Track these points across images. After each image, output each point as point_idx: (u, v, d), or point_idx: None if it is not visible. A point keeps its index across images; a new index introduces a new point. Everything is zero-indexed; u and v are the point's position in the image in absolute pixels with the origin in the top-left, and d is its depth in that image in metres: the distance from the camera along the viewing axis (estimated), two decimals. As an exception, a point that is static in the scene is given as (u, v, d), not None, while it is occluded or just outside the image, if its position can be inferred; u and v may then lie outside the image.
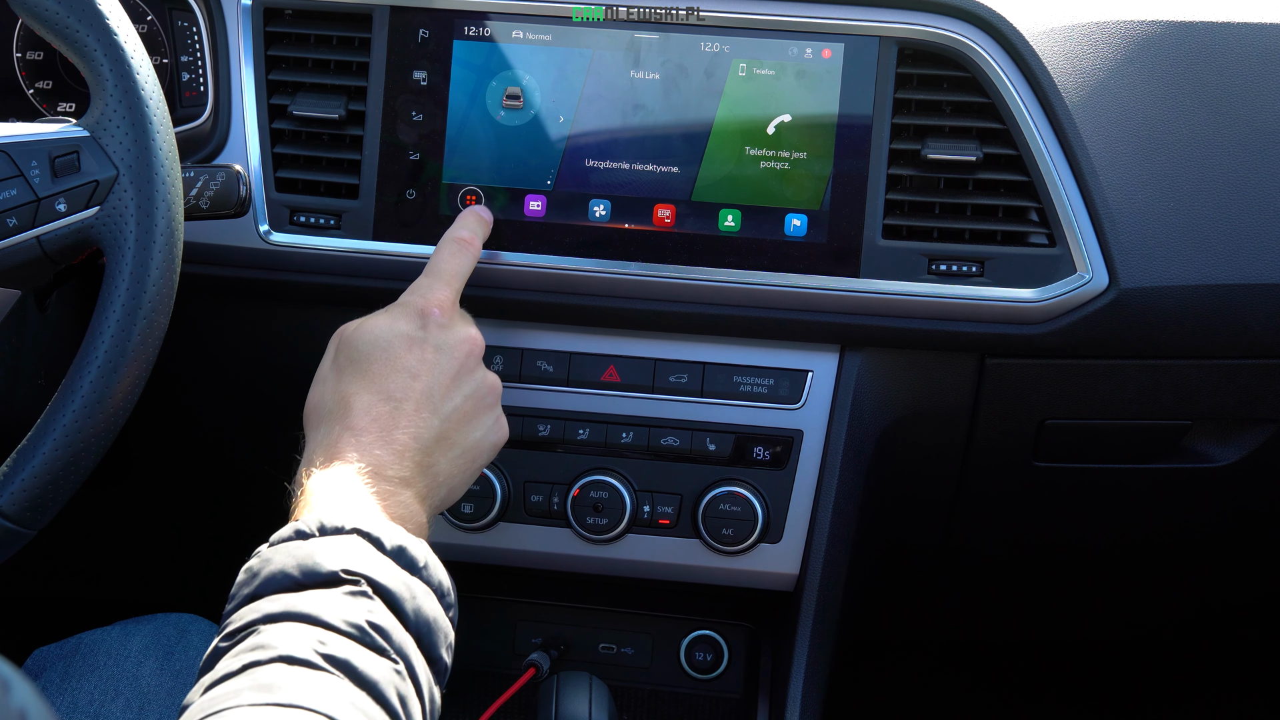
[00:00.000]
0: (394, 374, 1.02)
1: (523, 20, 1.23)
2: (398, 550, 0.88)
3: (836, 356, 1.28)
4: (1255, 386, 1.31)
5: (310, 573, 0.84)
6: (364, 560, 0.86)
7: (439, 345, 1.05)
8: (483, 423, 1.07)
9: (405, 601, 0.86)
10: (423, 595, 0.88)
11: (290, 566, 0.85)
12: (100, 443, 1.01)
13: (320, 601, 0.83)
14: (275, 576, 0.85)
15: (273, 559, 0.86)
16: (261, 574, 0.86)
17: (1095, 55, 1.22)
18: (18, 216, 1.03)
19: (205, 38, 1.28)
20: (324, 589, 0.84)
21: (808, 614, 1.31)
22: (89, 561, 1.74)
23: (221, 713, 0.74)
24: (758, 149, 1.22)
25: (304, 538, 0.88)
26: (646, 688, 1.42)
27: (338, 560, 0.85)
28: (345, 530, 0.88)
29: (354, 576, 0.84)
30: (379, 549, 0.88)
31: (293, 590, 0.84)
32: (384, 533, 0.88)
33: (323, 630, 0.81)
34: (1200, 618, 1.84)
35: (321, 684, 0.77)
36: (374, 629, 0.82)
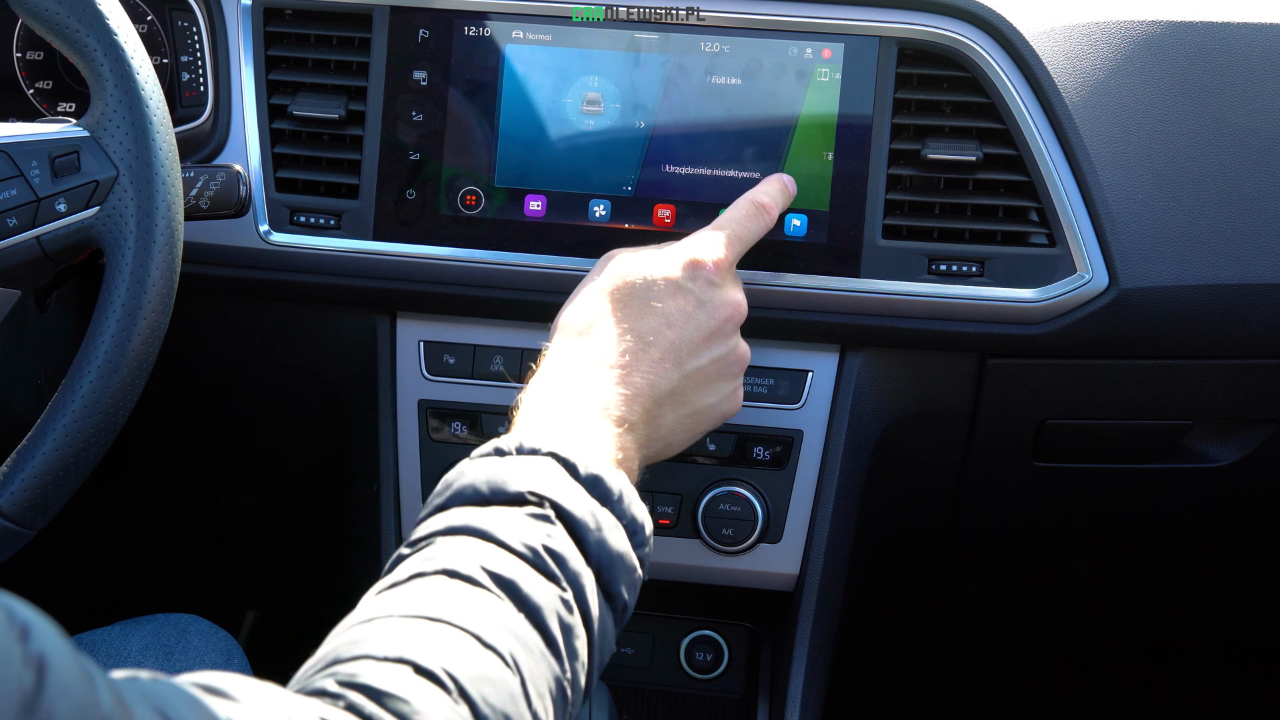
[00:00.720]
0: (651, 315, 1.01)
1: (522, 20, 1.23)
2: (592, 479, 0.87)
3: (836, 356, 1.28)
4: (1255, 386, 1.31)
5: (498, 490, 0.84)
6: (553, 483, 0.85)
7: (702, 300, 1.03)
8: (720, 389, 1.05)
9: (589, 531, 0.84)
10: (610, 528, 0.86)
11: (480, 481, 0.84)
12: (100, 443, 1.01)
13: (500, 519, 0.82)
14: (465, 490, 0.85)
15: (466, 472, 0.86)
16: (453, 486, 0.86)
17: (1095, 55, 1.22)
18: (18, 216, 1.03)
19: (205, 38, 1.28)
20: (508, 507, 0.83)
21: (808, 614, 1.31)
22: (89, 561, 1.74)
23: (373, 621, 0.74)
24: (758, 149, 1.22)
25: (501, 455, 0.87)
26: (646, 688, 1.42)
27: (526, 481, 0.84)
28: (541, 452, 0.87)
29: (539, 498, 0.83)
30: (572, 474, 0.86)
31: (478, 505, 0.83)
32: (580, 459, 0.87)
33: (496, 548, 0.80)
34: (1200, 618, 1.84)
35: (477, 601, 0.77)
36: (548, 553, 0.81)
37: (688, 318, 1.02)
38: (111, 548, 1.73)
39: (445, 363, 1.30)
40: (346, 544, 1.42)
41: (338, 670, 0.70)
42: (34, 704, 0.48)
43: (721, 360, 1.04)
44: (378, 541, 1.34)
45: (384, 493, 1.33)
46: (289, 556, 1.72)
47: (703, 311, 1.02)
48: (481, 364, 1.30)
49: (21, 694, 0.48)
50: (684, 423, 1.02)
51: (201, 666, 1.23)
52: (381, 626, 0.74)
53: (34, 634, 0.50)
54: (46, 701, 0.49)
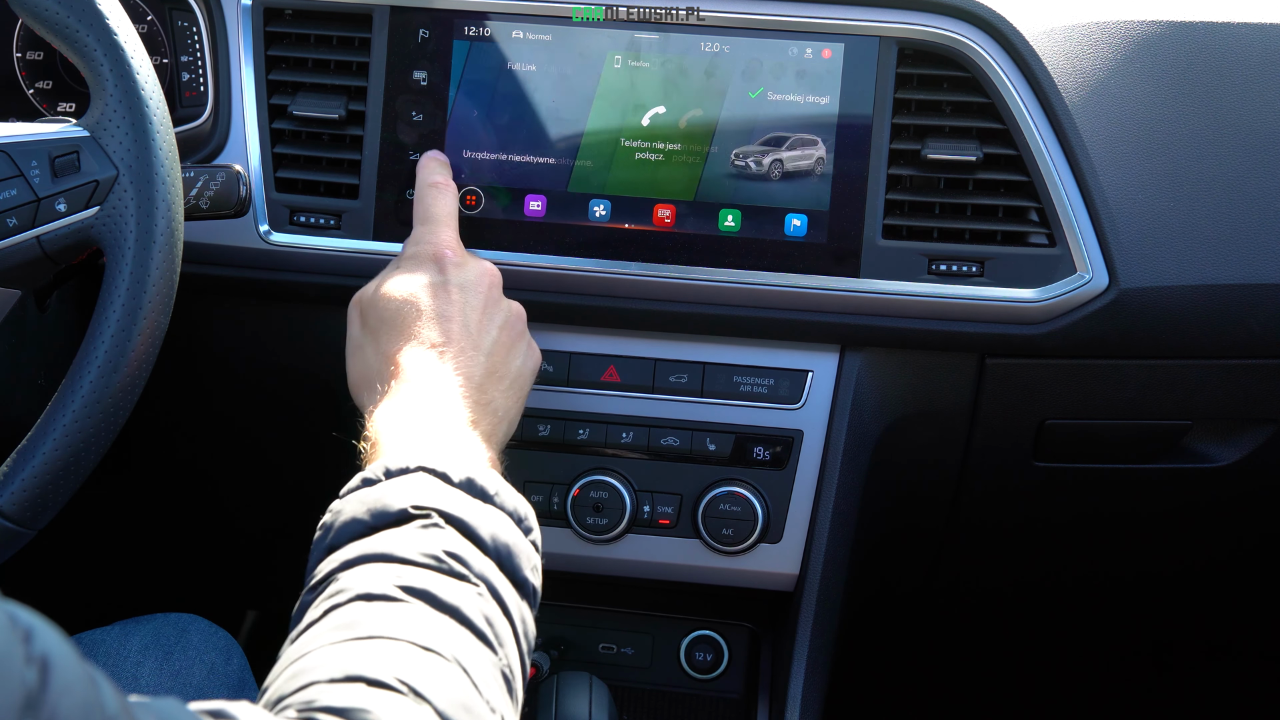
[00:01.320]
0: (429, 321, 1.03)
1: (523, 20, 1.23)
2: (466, 482, 0.88)
3: (836, 356, 1.28)
4: (1255, 386, 1.31)
5: (380, 514, 0.85)
6: (432, 494, 0.86)
7: (462, 284, 1.06)
8: (519, 350, 1.09)
9: (480, 529, 0.85)
10: (498, 522, 0.87)
11: (360, 512, 0.85)
12: (100, 443, 1.01)
13: (394, 539, 0.83)
14: (348, 525, 0.85)
15: (344, 509, 0.87)
16: (335, 525, 0.86)
17: (1095, 55, 1.22)
18: (18, 216, 1.03)
19: (205, 38, 1.28)
20: (396, 527, 0.84)
21: (808, 614, 1.31)
22: (89, 561, 1.74)
23: (305, 656, 0.75)
24: (757, 149, 1.22)
25: (371, 484, 0.88)
26: (646, 688, 1.42)
27: (406, 498, 0.85)
28: (410, 469, 0.88)
29: (423, 510, 0.85)
30: (447, 482, 0.88)
31: (366, 534, 0.84)
32: (450, 466, 0.88)
33: (400, 565, 0.81)
34: (1200, 618, 1.84)
35: (401, 614, 0.78)
36: (450, 556, 0.82)
37: (459, 305, 1.05)
38: (111, 548, 1.73)
39: (445, 363, 1.30)
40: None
41: (292, 701, 0.71)
42: (38, 702, 0.48)
43: (506, 325, 1.08)
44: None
45: (384, 493, 1.32)
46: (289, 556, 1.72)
47: (467, 293, 1.06)
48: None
49: (25, 691, 0.48)
50: (509, 395, 1.06)
51: (201, 666, 1.23)
52: (319, 656, 0.74)
53: (37, 636, 0.50)
54: (50, 700, 0.49)
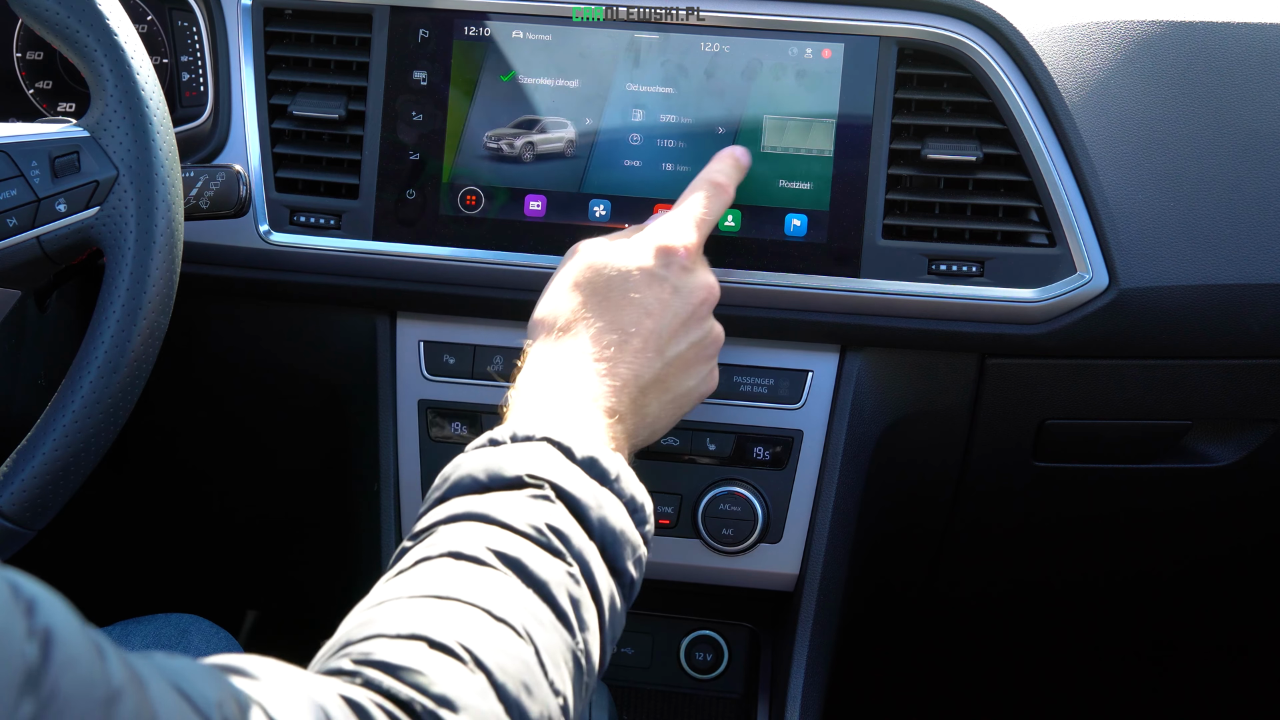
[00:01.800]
0: (629, 307, 1.01)
1: (523, 20, 1.23)
2: (588, 460, 0.88)
3: (836, 357, 1.28)
4: (1255, 386, 1.31)
5: (495, 476, 0.85)
6: (550, 466, 0.86)
7: (677, 287, 1.04)
8: (699, 371, 1.07)
9: (590, 509, 0.85)
10: (610, 506, 0.87)
11: (478, 470, 0.85)
12: (100, 443, 1.01)
13: (500, 503, 0.83)
14: (462, 481, 0.86)
15: (462, 464, 0.87)
16: (451, 478, 0.86)
17: (1095, 55, 1.22)
18: (18, 216, 1.03)
19: (205, 38, 1.28)
20: (508, 492, 0.84)
21: (808, 614, 1.31)
22: (88, 561, 1.74)
23: (381, 605, 0.75)
24: (757, 149, 1.22)
25: (496, 445, 0.88)
26: (646, 688, 1.42)
27: (523, 465, 0.85)
28: (536, 438, 0.88)
29: (537, 480, 0.84)
30: (568, 457, 0.87)
31: (477, 493, 0.84)
32: (576, 442, 0.88)
33: (499, 529, 0.81)
34: (1200, 618, 1.84)
35: (485, 579, 0.77)
36: (552, 531, 0.82)
37: (664, 305, 1.03)
38: (111, 548, 1.73)
39: (445, 363, 1.30)
40: (347, 543, 1.42)
41: (351, 650, 0.71)
42: (38, 677, 0.48)
43: (699, 344, 1.06)
44: (378, 541, 1.34)
45: (384, 493, 1.33)
46: (289, 556, 1.72)
47: (678, 298, 1.04)
48: (481, 364, 1.30)
49: (25, 667, 0.47)
50: (668, 408, 1.04)
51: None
52: (392, 608, 0.75)
53: (40, 608, 0.50)
54: (51, 675, 0.48)
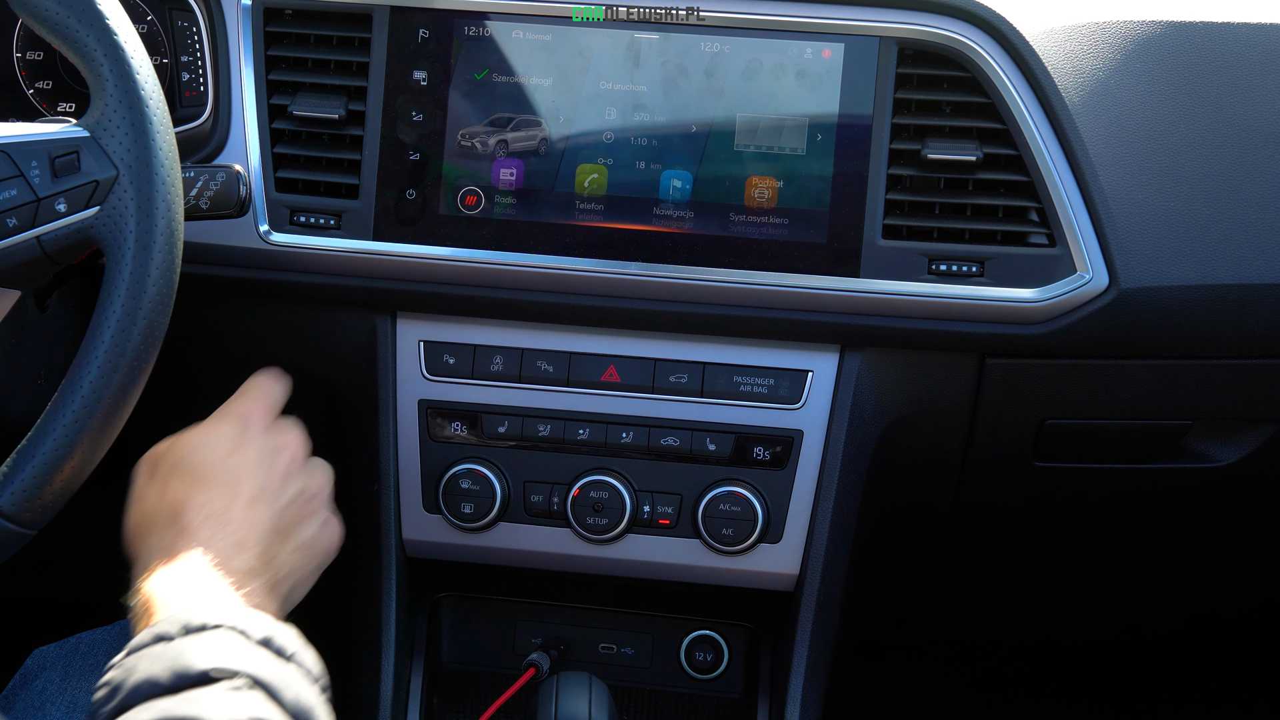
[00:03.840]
0: (222, 472, 1.02)
1: (522, 20, 1.23)
2: (266, 639, 0.85)
3: (836, 356, 1.28)
4: (1255, 386, 1.31)
5: (182, 674, 0.79)
6: (236, 654, 0.82)
7: (262, 447, 1.06)
8: (314, 520, 1.08)
9: (283, 691, 0.82)
10: (297, 682, 0.84)
11: (157, 671, 0.79)
12: (100, 443, 1.01)
13: (200, 702, 0.78)
14: (143, 685, 0.79)
15: (137, 667, 0.81)
16: (126, 685, 0.80)
17: (1095, 55, 1.22)
18: (18, 216, 1.02)
19: (205, 38, 1.28)
20: (201, 689, 0.79)
21: (808, 614, 1.31)
22: (89, 561, 1.74)
23: None
24: (757, 149, 1.22)
25: (168, 640, 0.83)
26: (646, 688, 1.42)
27: (210, 658, 0.80)
28: (210, 626, 0.84)
29: (230, 672, 0.80)
30: (248, 639, 0.84)
31: (166, 695, 0.79)
32: (249, 624, 0.85)
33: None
34: (1200, 618, 1.84)
35: None
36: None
37: (254, 464, 1.04)
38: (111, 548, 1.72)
39: (445, 363, 1.30)
40: (346, 543, 1.42)
41: None
42: None
43: (302, 494, 1.07)
44: (378, 541, 1.34)
45: (384, 493, 1.33)
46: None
47: (266, 455, 1.06)
48: (481, 364, 1.30)
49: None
50: (298, 557, 1.05)
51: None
52: None
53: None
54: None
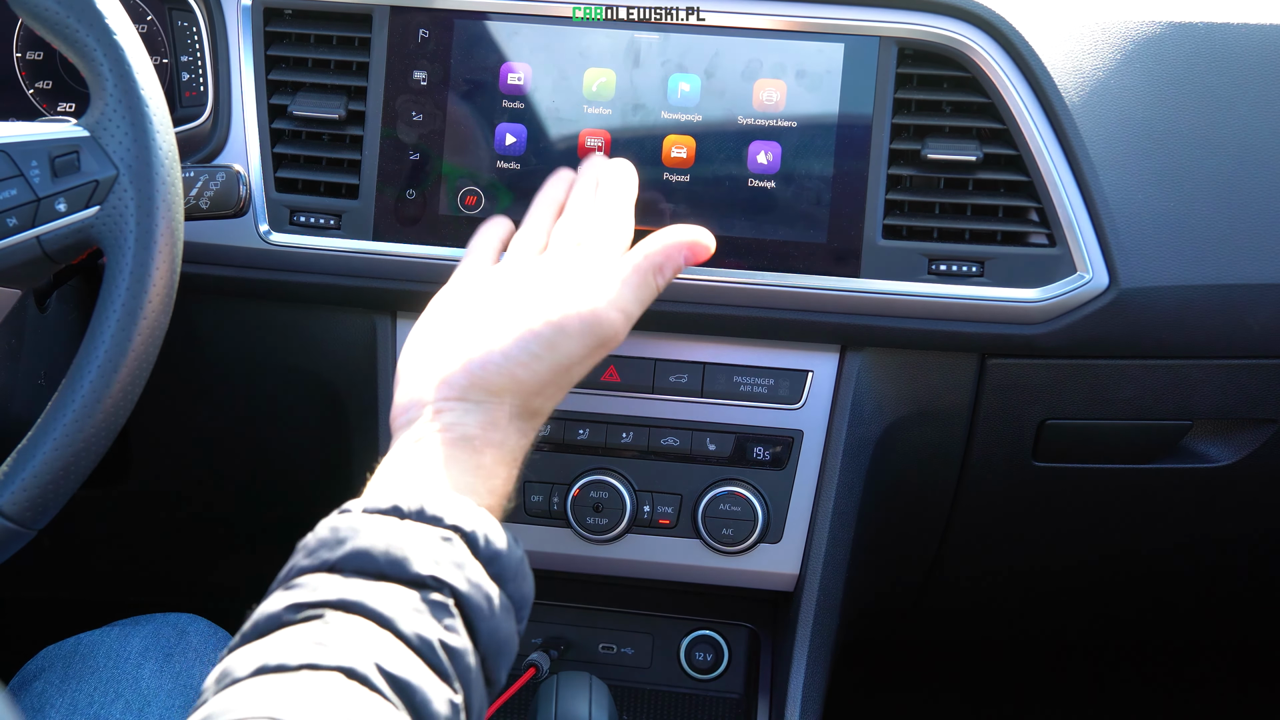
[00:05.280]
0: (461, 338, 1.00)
1: (522, 20, 1.23)
2: (491, 555, 0.85)
3: (836, 357, 1.28)
4: (1255, 386, 1.31)
5: (397, 565, 0.80)
6: (454, 567, 0.82)
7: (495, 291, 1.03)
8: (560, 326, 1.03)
9: (484, 618, 0.82)
10: (502, 612, 0.84)
11: (378, 549, 0.81)
12: (100, 443, 1.01)
13: (399, 605, 0.79)
14: (360, 553, 0.81)
15: (361, 530, 0.82)
16: (348, 544, 0.82)
17: (1095, 55, 1.22)
18: (18, 216, 1.03)
19: (205, 38, 1.28)
20: (406, 588, 0.80)
21: (807, 614, 1.31)
22: (89, 561, 1.74)
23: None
24: (757, 149, 1.22)
25: (400, 516, 0.84)
26: (646, 688, 1.42)
27: (428, 563, 0.81)
28: (444, 523, 0.84)
29: (440, 584, 0.81)
30: (473, 550, 0.84)
31: (375, 578, 0.80)
32: (481, 530, 0.85)
33: (392, 639, 0.78)
34: (1199, 618, 1.84)
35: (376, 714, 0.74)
36: (445, 649, 0.79)
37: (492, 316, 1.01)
38: (111, 548, 1.73)
39: (445, 363, 1.30)
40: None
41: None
42: None
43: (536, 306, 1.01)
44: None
45: (384, 493, 1.32)
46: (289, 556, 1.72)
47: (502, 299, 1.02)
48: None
49: None
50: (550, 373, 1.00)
51: (201, 667, 1.23)
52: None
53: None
54: None
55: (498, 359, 0.97)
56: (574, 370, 1.00)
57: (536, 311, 0.99)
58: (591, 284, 1.01)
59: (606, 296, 1.01)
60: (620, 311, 1.01)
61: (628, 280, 1.03)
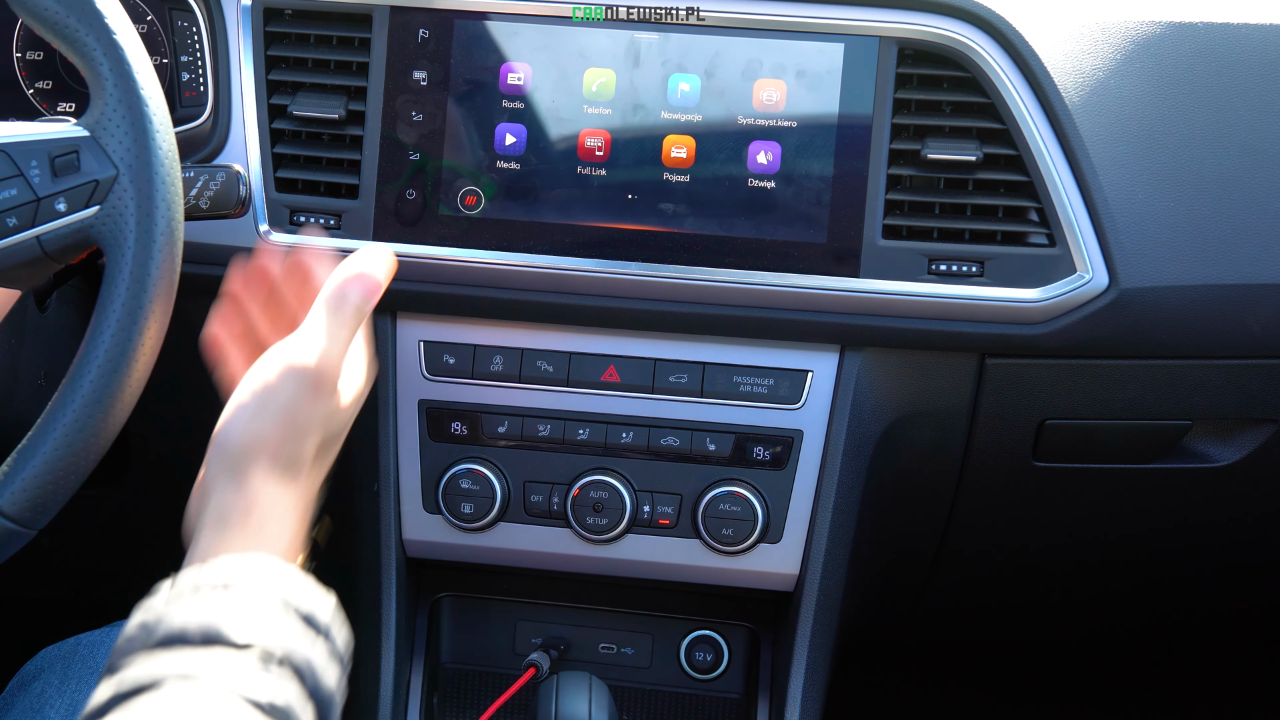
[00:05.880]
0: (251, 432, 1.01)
1: (522, 20, 1.23)
2: (307, 615, 0.85)
3: (836, 356, 1.28)
4: (1255, 386, 1.31)
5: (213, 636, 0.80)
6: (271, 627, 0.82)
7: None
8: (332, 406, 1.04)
9: (310, 676, 0.82)
10: (324, 666, 0.84)
11: (192, 627, 0.81)
12: (100, 443, 1.01)
13: (228, 669, 0.79)
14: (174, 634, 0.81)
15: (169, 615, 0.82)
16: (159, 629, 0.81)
17: (1095, 55, 1.22)
18: (17, 216, 1.02)
19: (205, 38, 1.28)
20: (230, 651, 0.80)
21: (807, 614, 1.31)
22: (89, 562, 1.74)
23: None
24: (757, 149, 1.22)
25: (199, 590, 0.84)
26: (646, 688, 1.43)
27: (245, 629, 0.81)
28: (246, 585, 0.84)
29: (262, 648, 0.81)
30: (285, 610, 0.84)
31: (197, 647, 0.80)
32: (291, 591, 0.85)
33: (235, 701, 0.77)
34: (1199, 618, 1.84)
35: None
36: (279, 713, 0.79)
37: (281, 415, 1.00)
38: (111, 548, 1.73)
39: (445, 363, 1.30)
40: (346, 543, 1.42)
41: None
42: None
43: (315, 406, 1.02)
44: (378, 541, 1.34)
45: (384, 493, 1.33)
46: (289, 556, 1.72)
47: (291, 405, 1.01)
48: (481, 364, 1.30)
49: None
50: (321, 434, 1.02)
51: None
52: None
53: None
54: None
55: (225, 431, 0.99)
56: (301, 412, 0.99)
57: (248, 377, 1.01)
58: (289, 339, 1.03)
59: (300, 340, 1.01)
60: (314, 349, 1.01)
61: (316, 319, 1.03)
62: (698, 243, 1.23)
